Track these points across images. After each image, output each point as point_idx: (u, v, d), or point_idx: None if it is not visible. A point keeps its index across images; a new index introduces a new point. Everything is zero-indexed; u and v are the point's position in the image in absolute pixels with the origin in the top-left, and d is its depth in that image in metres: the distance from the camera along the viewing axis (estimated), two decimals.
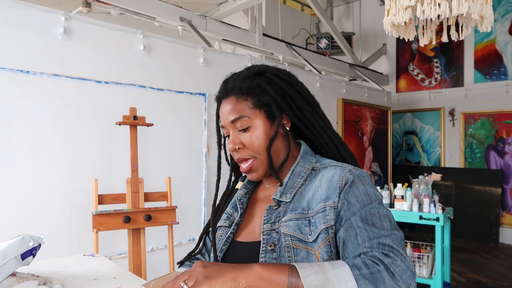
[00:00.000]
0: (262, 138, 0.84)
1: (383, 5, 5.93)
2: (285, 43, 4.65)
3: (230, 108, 0.85)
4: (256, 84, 0.85)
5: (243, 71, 0.88)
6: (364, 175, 0.81)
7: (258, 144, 0.84)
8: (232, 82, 0.87)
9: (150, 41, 2.62)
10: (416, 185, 3.24)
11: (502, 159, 5.35)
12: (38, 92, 2.10)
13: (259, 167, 0.85)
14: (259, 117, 0.84)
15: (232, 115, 0.84)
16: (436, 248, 3.02)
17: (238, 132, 0.85)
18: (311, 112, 0.88)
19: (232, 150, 0.86)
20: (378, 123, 5.32)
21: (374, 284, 0.62)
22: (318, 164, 0.87)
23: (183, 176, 2.76)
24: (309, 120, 0.88)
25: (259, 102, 0.84)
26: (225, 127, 0.87)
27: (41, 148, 2.10)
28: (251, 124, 0.84)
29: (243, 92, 0.85)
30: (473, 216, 5.33)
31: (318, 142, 0.90)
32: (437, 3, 2.14)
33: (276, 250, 0.78)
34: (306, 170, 0.86)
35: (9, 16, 2.02)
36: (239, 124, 0.84)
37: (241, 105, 0.84)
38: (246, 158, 0.85)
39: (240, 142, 0.85)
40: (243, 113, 0.84)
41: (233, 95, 0.85)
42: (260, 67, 0.89)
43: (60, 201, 2.16)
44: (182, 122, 2.79)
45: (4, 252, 0.90)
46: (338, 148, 0.90)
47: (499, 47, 5.43)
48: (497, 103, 5.39)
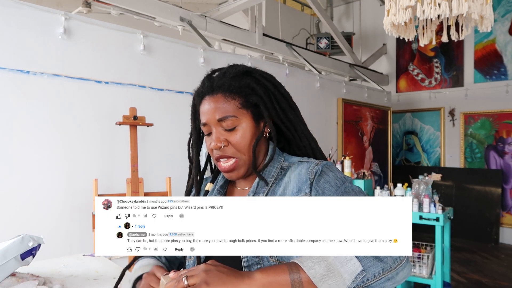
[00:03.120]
0: (247, 138, 0.83)
1: (383, 5, 5.92)
2: (285, 43, 4.65)
3: (217, 106, 0.83)
4: (245, 84, 0.84)
5: (229, 69, 0.86)
6: (330, 164, 0.83)
7: (244, 144, 0.83)
8: (218, 80, 0.85)
9: (150, 41, 2.62)
10: (416, 185, 3.24)
11: (502, 159, 5.34)
12: (38, 92, 2.10)
13: (241, 167, 0.85)
14: (246, 117, 0.84)
15: (219, 114, 0.82)
16: (436, 248, 3.02)
17: (224, 130, 0.83)
18: (293, 115, 0.89)
19: (217, 148, 0.83)
20: (378, 123, 5.32)
21: (374, 256, 0.65)
22: (287, 163, 0.87)
23: (183, 176, 2.74)
24: (292, 122, 0.89)
25: (247, 102, 0.84)
26: (208, 124, 0.84)
27: (41, 148, 2.10)
28: (238, 124, 0.83)
29: (232, 91, 0.83)
30: (473, 216, 5.33)
31: (297, 144, 0.91)
32: (437, 3, 2.14)
33: (260, 262, 0.77)
34: (276, 170, 0.86)
35: (9, 16, 2.02)
36: (226, 124, 0.82)
37: (229, 104, 0.82)
38: (228, 156, 0.84)
39: (225, 139, 0.83)
40: (231, 113, 0.82)
41: (220, 93, 0.83)
42: (246, 67, 0.88)
43: (60, 201, 2.16)
44: (182, 122, 2.78)
45: (4, 252, 0.90)
46: (314, 151, 0.92)
47: (499, 47, 5.42)
48: (497, 103, 5.39)
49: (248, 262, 0.77)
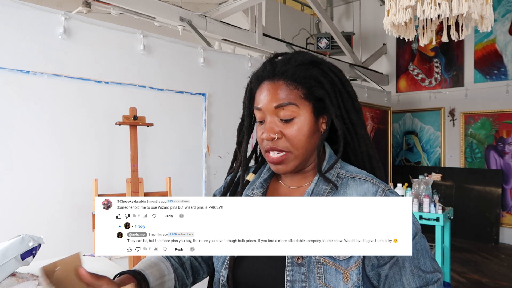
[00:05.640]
0: (304, 132, 0.76)
1: (383, 5, 5.92)
2: (285, 43, 4.65)
3: (277, 92, 0.75)
4: (311, 75, 0.77)
5: (294, 55, 0.79)
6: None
7: (300, 139, 0.76)
8: (282, 65, 0.77)
9: (150, 41, 2.62)
10: (416, 185, 3.24)
11: (502, 159, 5.34)
12: (38, 92, 2.10)
13: (291, 161, 0.77)
14: (307, 110, 0.76)
15: (277, 101, 0.75)
16: (436, 248, 3.02)
17: (279, 120, 0.76)
18: (357, 117, 0.82)
19: (269, 139, 0.76)
20: (378, 123, 5.32)
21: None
22: (343, 171, 0.79)
23: (183, 176, 2.76)
24: (354, 124, 0.81)
25: (310, 94, 0.76)
26: (263, 110, 0.77)
27: (41, 148, 2.10)
28: (296, 115, 0.75)
29: (295, 80, 0.76)
30: (473, 216, 5.33)
31: (354, 148, 0.83)
32: (437, 3, 2.14)
33: (304, 264, 0.71)
34: (332, 177, 0.78)
35: (9, 16, 2.02)
36: (283, 113, 0.75)
37: (291, 93, 0.75)
38: (280, 149, 0.76)
39: (279, 131, 0.75)
40: (292, 100, 0.75)
41: (282, 79, 0.76)
42: (314, 56, 0.81)
43: (60, 201, 2.15)
44: (182, 122, 2.79)
45: (4, 252, 0.89)
46: (371, 159, 0.83)
47: (499, 47, 5.42)
48: (497, 103, 5.39)
49: (292, 277, 0.72)
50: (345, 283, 0.70)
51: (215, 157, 2.96)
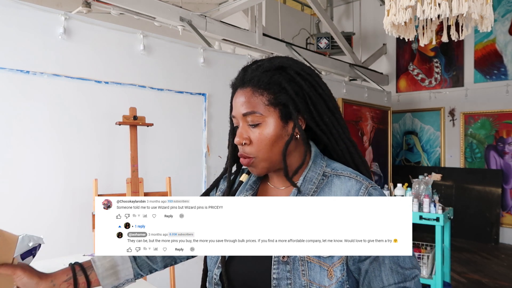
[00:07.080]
0: (270, 137, 0.79)
1: (383, 5, 5.92)
2: (285, 43, 4.65)
3: (244, 100, 0.80)
4: (275, 81, 0.79)
5: (265, 62, 0.83)
6: (380, 192, 0.78)
7: (265, 144, 0.79)
8: (251, 72, 0.81)
9: (150, 41, 2.62)
10: (416, 185, 3.24)
11: (502, 159, 5.34)
12: (38, 92, 2.10)
13: (258, 165, 0.81)
14: (273, 116, 0.79)
15: (244, 108, 0.79)
16: (436, 248, 3.01)
17: (248, 126, 0.80)
18: (330, 118, 0.83)
19: (239, 144, 0.81)
20: (378, 123, 5.32)
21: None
22: (329, 169, 0.82)
23: (183, 176, 2.76)
24: (327, 125, 0.83)
25: (275, 100, 0.79)
26: (236, 118, 0.82)
27: (41, 148, 2.10)
28: (262, 121, 0.79)
29: (260, 86, 0.79)
30: (473, 216, 5.33)
31: (333, 147, 0.85)
32: (437, 3, 2.14)
33: (290, 262, 0.73)
34: (318, 176, 0.81)
35: (9, 16, 2.02)
36: (250, 119, 0.79)
37: (256, 100, 0.79)
38: (246, 155, 0.81)
39: (247, 137, 0.80)
40: (256, 109, 0.79)
41: (249, 86, 0.80)
42: (283, 61, 0.83)
43: (60, 201, 2.15)
44: (182, 122, 2.79)
45: None
46: (352, 156, 0.85)
47: (499, 47, 5.42)
48: (497, 103, 5.39)
49: (278, 275, 0.73)
50: (329, 279, 0.72)
51: (215, 157, 2.96)
